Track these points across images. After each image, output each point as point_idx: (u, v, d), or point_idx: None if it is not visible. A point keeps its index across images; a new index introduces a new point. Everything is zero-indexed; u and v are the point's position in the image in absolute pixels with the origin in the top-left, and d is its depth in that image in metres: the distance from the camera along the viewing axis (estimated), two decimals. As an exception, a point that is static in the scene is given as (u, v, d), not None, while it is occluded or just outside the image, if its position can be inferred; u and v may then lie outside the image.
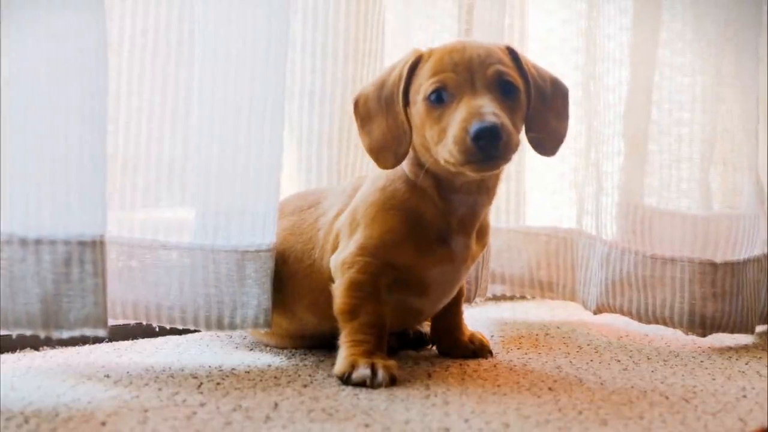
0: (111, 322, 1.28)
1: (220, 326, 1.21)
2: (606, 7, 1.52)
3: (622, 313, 1.50)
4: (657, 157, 1.51)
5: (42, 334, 1.05)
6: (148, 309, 1.21)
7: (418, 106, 1.12)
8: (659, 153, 1.51)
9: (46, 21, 1.04)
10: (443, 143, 1.08)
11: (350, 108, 1.21)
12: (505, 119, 1.06)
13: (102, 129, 1.08)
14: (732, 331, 1.45)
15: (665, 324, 1.46)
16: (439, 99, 1.10)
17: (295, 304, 1.24)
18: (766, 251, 1.50)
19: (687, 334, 1.46)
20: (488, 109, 1.05)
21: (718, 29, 1.48)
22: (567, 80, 1.60)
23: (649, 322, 1.47)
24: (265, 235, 1.22)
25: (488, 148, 1.04)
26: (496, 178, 1.18)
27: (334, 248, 1.19)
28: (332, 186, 1.39)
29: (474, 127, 1.04)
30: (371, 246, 1.15)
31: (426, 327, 1.35)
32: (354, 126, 1.24)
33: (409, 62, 1.14)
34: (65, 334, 1.05)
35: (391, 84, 1.15)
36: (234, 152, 1.20)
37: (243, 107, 1.20)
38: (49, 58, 1.04)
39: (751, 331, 1.48)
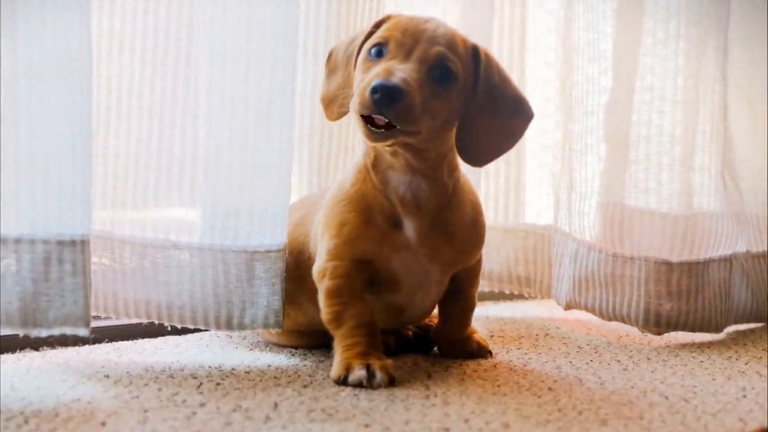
0: (124, 321, 1.31)
1: (229, 326, 1.22)
2: (594, 8, 1.52)
3: (587, 310, 1.51)
4: (632, 156, 1.51)
5: (21, 333, 1.05)
6: (160, 308, 1.21)
7: (360, 58, 1.13)
8: (634, 152, 1.51)
9: (34, 19, 1.04)
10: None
11: None
12: (415, 90, 1.04)
13: (87, 129, 1.08)
14: (692, 330, 1.46)
15: (623, 322, 1.48)
16: (378, 54, 1.10)
17: (301, 294, 1.24)
18: (734, 251, 1.51)
19: (643, 333, 1.48)
20: (400, 73, 1.05)
21: (698, 30, 1.49)
22: (556, 80, 1.63)
23: (610, 319, 1.49)
24: (275, 236, 1.22)
25: (381, 106, 1.03)
26: (428, 160, 1.13)
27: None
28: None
29: (376, 81, 1.03)
30: (334, 247, 1.15)
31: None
32: (336, 125, 1.23)
33: (376, 21, 1.15)
34: (44, 333, 1.05)
35: (356, 40, 1.16)
36: (243, 152, 1.20)
37: (252, 107, 1.20)
38: (31, 57, 1.04)
39: (717, 331, 1.49)
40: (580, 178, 1.53)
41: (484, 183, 1.64)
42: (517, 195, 1.69)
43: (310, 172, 1.45)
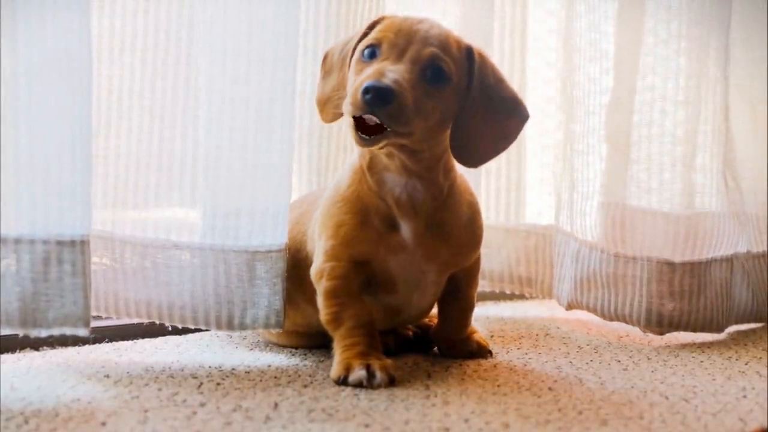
0: (124, 321, 1.31)
1: (230, 326, 1.22)
2: (596, 8, 1.52)
3: (588, 310, 1.51)
4: (634, 156, 1.51)
5: (20, 333, 1.05)
6: (161, 308, 1.22)
7: (354, 59, 1.13)
8: (636, 152, 1.51)
9: (34, 19, 1.04)
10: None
11: None
12: (407, 91, 1.04)
13: (87, 129, 1.08)
14: (694, 330, 1.47)
15: (625, 322, 1.48)
16: (371, 55, 1.10)
17: (298, 294, 1.24)
18: (735, 251, 1.52)
19: (644, 332, 1.48)
20: (392, 74, 1.05)
21: (699, 30, 1.49)
22: (557, 80, 1.63)
23: (611, 319, 1.49)
24: (276, 236, 1.22)
25: (373, 106, 1.03)
26: (422, 161, 1.13)
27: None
28: None
29: (367, 82, 1.03)
30: (331, 248, 1.15)
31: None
32: (336, 125, 1.22)
33: (371, 22, 1.15)
34: (44, 333, 1.05)
35: (351, 41, 1.16)
36: (243, 152, 1.20)
37: (252, 106, 1.20)
38: (31, 57, 1.04)
39: (718, 331, 1.49)
40: (581, 178, 1.53)
41: (484, 182, 1.64)
42: (518, 195, 1.69)
43: (310, 172, 1.45)
